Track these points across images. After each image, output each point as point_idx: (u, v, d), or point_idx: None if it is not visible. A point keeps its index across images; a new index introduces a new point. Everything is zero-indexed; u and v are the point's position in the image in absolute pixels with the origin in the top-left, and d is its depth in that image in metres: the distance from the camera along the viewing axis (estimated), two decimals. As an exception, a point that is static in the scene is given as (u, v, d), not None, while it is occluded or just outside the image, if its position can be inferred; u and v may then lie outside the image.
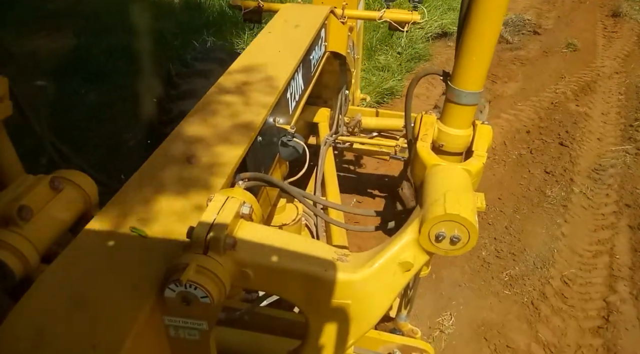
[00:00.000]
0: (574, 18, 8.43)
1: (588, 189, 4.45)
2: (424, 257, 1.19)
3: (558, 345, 3.12)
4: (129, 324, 0.97)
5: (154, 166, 1.42)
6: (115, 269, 1.10)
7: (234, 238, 1.10)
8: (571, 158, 4.88)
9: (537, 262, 3.70)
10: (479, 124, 1.35)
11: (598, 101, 6.00)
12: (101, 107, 5.08)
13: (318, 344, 1.27)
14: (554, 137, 5.24)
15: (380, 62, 6.12)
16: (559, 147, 5.07)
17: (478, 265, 3.68)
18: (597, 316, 3.30)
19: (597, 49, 7.36)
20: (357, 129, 3.54)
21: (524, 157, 4.92)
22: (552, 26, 8.14)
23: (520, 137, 5.27)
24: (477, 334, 3.18)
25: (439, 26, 7.22)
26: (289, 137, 1.74)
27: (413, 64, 6.44)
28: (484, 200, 1.24)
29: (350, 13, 2.81)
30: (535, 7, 8.86)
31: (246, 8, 2.92)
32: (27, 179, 1.30)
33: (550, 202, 4.29)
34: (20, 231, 1.17)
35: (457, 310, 3.33)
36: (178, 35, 6.25)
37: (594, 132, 5.39)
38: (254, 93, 1.80)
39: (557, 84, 6.31)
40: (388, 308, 1.26)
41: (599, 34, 7.89)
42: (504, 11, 1.13)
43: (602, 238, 3.93)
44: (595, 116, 5.67)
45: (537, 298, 3.41)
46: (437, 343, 3.11)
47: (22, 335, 0.95)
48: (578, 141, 5.16)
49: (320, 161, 2.80)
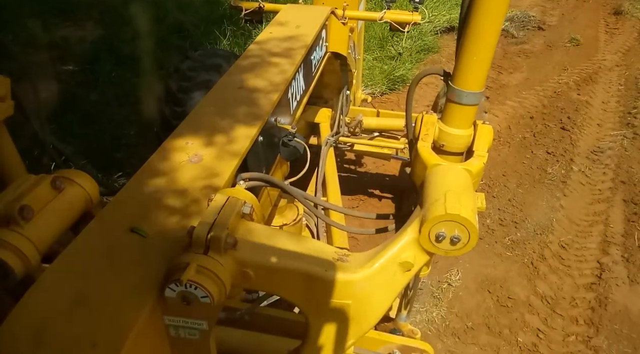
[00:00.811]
0: (577, 15, 8.67)
1: (586, 168, 4.75)
2: (424, 257, 1.19)
3: (555, 297, 3.44)
4: (130, 323, 0.97)
5: (155, 165, 1.42)
6: (116, 268, 1.10)
7: (234, 238, 1.10)
8: (572, 141, 5.17)
9: (537, 229, 4.00)
10: (480, 124, 1.35)
11: (599, 90, 6.24)
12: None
13: (318, 344, 1.27)
14: (556, 122, 5.51)
15: (391, 52, 6.49)
16: (561, 132, 5.36)
17: (483, 231, 3.94)
18: (590, 274, 3.62)
19: (599, 44, 7.60)
20: (358, 130, 3.54)
21: (528, 140, 5.22)
22: (556, 23, 8.40)
23: (524, 122, 5.55)
24: (481, 288, 3.50)
25: (447, 21, 7.42)
26: (290, 137, 1.74)
27: (422, 55, 6.75)
28: (484, 200, 1.24)
29: (350, 14, 2.82)
30: (539, 4, 9.09)
31: (247, 9, 2.93)
32: (28, 178, 1.31)
33: (551, 179, 4.60)
34: (22, 231, 1.17)
35: (464, 267, 3.62)
36: (199, 26, 6.35)
37: (594, 118, 5.66)
38: (255, 93, 1.80)
39: (560, 75, 6.56)
40: (388, 307, 1.26)
41: (601, 30, 8.13)
42: (504, 11, 1.13)
43: (598, 210, 4.23)
44: (596, 104, 5.91)
45: (536, 259, 3.72)
46: (445, 294, 3.44)
47: (23, 334, 0.95)
48: (579, 126, 5.42)
49: (321, 162, 2.81)
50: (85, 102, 4.89)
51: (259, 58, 2.07)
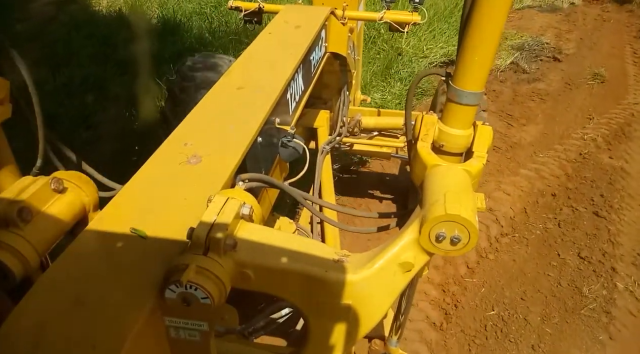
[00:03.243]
0: (598, 40, 7.51)
1: (635, 284, 3.49)
2: (424, 257, 1.19)
3: None
4: (129, 325, 0.97)
5: (153, 166, 1.42)
6: (115, 270, 1.09)
7: (234, 239, 1.09)
8: (610, 235, 3.85)
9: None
10: (480, 125, 1.35)
11: (635, 151, 4.93)
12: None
13: (318, 345, 1.27)
14: (586, 203, 4.22)
15: (376, 102, 5.37)
16: (594, 219, 4.04)
17: None
18: None
19: (628, 80, 6.36)
20: (357, 129, 3.54)
21: (551, 233, 3.94)
22: (574, 50, 7.19)
23: (544, 202, 4.28)
24: None
25: (444, 54, 6.48)
26: (289, 137, 1.74)
27: (415, 101, 5.58)
28: (484, 200, 1.24)
29: (350, 14, 2.82)
30: (553, 26, 8.00)
31: (246, 9, 2.93)
32: (27, 180, 1.30)
33: (589, 306, 3.33)
34: (21, 233, 1.17)
35: None
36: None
37: (634, 196, 4.32)
38: (254, 93, 1.79)
39: (584, 128, 5.33)
40: (388, 309, 1.25)
41: (629, 60, 6.92)
42: (507, 9, 1.13)
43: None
44: (634, 172, 4.60)
45: None
46: None
47: (22, 336, 0.95)
48: (616, 209, 4.13)
49: (318, 170, 2.79)
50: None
51: (258, 58, 2.07)
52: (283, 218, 2.34)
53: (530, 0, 9.29)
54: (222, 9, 6.82)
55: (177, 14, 6.83)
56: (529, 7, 9.10)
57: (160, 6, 7.05)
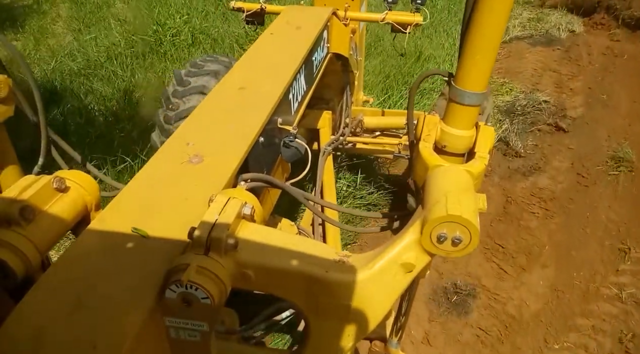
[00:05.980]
0: (611, 88, 5.41)
1: None
2: (425, 258, 1.18)
3: None
4: (130, 325, 0.97)
5: (155, 166, 1.42)
6: (117, 269, 1.10)
7: (235, 239, 1.09)
8: None
9: None
10: (482, 126, 1.35)
11: None
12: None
13: (319, 345, 1.26)
14: None
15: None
16: None
17: None
18: None
19: None
20: (359, 129, 3.54)
21: None
22: (583, 110, 5.06)
23: None
24: None
25: None
26: (291, 138, 1.74)
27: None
28: (485, 201, 1.23)
29: (352, 15, 2.81)
30: (551, 68, 5.75)
31: (248, 10, 2.94)
32: (29, 179, 1.31)
33: None
34: (23, 232, 1.17)
35: None
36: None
37: None
38: (256, 94, 1.79)
39: (617, 274, 3.15)
40: (389, 309, 1.25)
41: None
42: (509, 8, 1.13)
43: None
44: None
45: None
46: None
47: (23, 336, 0.95)
48: None
49: (319, 170, 2.79)
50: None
51: (260, 59, 2.07)
52: (284, 220, 2.34)
53: (519, 29, 7.14)
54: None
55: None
56: (517, 38, 6.91)
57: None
